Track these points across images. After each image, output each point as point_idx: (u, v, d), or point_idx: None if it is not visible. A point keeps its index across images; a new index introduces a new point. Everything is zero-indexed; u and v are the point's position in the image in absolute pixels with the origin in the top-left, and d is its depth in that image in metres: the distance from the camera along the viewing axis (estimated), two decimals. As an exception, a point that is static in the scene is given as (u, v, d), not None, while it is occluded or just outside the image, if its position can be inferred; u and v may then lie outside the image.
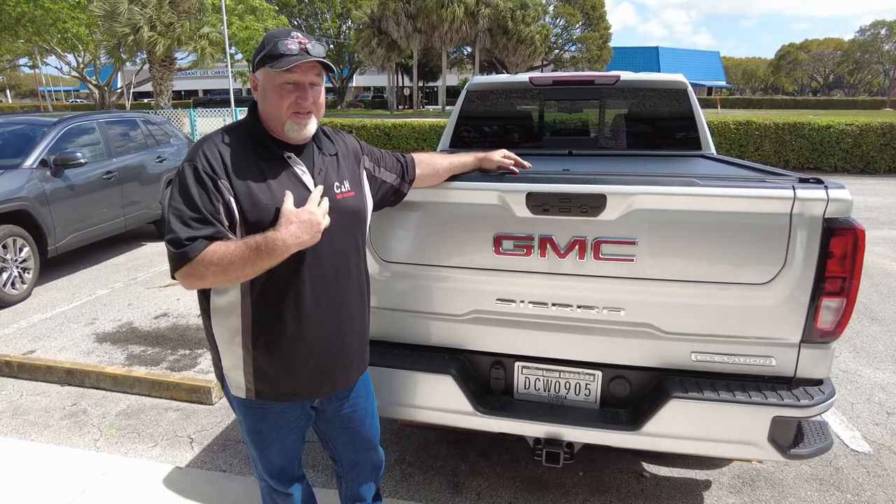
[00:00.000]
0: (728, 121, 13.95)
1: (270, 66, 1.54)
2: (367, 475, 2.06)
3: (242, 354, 1.63)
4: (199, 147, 1.55)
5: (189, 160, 1.53)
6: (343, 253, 1.68)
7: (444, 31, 38.60)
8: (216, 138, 1.58)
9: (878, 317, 4.83)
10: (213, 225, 1.47)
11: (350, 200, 1.69)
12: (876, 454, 2.96)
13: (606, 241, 1.98)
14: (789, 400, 1.94)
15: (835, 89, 79.65)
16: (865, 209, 9.17)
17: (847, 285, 1.88)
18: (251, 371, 1.64)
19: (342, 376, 1.77)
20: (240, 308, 1.59)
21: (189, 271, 1.45)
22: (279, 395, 1.68)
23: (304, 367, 1.66)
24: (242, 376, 1.65)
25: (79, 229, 6.01)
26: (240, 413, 1.77)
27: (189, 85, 64.08)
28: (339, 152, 1.75)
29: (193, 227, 1.46)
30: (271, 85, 1.56)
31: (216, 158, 1.52)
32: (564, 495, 2.65)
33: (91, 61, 26.37)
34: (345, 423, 1.89)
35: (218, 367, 1.74)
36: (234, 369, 1.67)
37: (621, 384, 2.16)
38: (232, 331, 1.62)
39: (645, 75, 3.76)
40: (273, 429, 1.75)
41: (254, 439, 1.78)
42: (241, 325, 1.61)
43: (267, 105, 1.59)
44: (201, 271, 1.44)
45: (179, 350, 4.26)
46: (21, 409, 3.51)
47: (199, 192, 1.48)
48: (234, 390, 1.70)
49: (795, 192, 1.84)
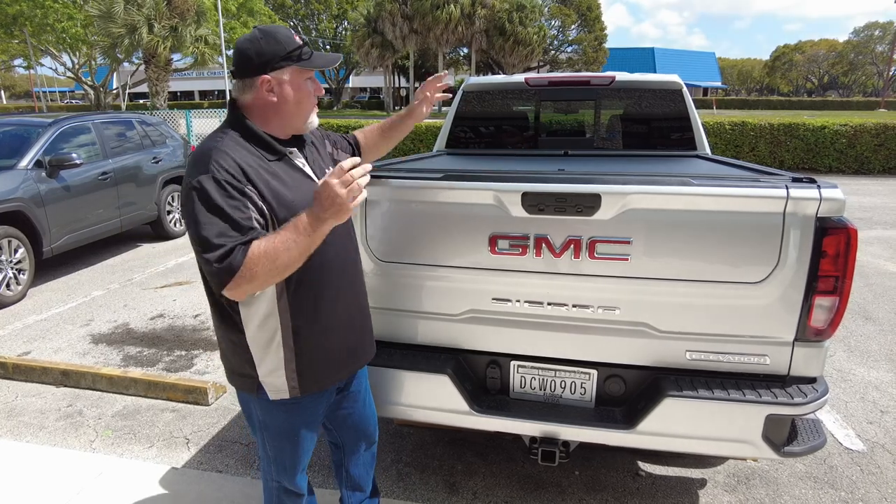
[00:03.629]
0: (723, 121, 14.00)
1: (302, 65, 1.57)
2: (365, 459, 2.13)
3: (284, 355, 1.63)
4: (210, 158, 1.47)
5: (203, 173, 1.44)
6: (345, 237, 1.75)
7: (440, 32, 38.59)
8: (221, 146, 1.51)
9: (871, 316, 4.86)
10: (248, 233, 1.43)
11: None
12: (870, 452, 2.97)
13: (601, 241, 1.99)
14: (783, 398, 1.95)
15: (829, 90, 79.99)
16: (860, 209, 9.21)
17: (840, 284, 1.90)
18: (293, 368, 1.65)
19: (367, 350, 1.91)
20: (277, 309, 1.60)
21: (242, 277, 1.39)
22: (322, 384, 1.74)
23: (343, 349, 1.76)
24: (284, 377, 1.65)
25: (74, 230, 6.00)
26: (268, 416, 1.74)
27: (184, 86, 63.94)
28: (313, 140, 1.83)
29: (230, 237, 1.41)
30: (301, 82, 1.59)
31: (233, 166, 1.47)
32: (560, 494, 2.66)
33: (86, 62, 26.30)
34: (351, 403, 1.98)
35: (251, 378, 1.67)
36: (273, 374, 1.65)
37: (616, 383, 2.16)
38: (270, 334, 1.61)
39: (640, 76, 3.77)
40: (303, 424, 1.78)
41: (282, 439, 1.77)
42: (281, 325, 1.61)
43: (293, 104, 1.59)
44: (253, 271, 1.39)
45: (175, 351, 4.25)
46: (16, 410, 3.50)
47: (229, 203, 1.43)
48: (273, 395, 1.67)
49: (789, 192, 1.86)
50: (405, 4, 38.90)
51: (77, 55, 25.96)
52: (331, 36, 51.03)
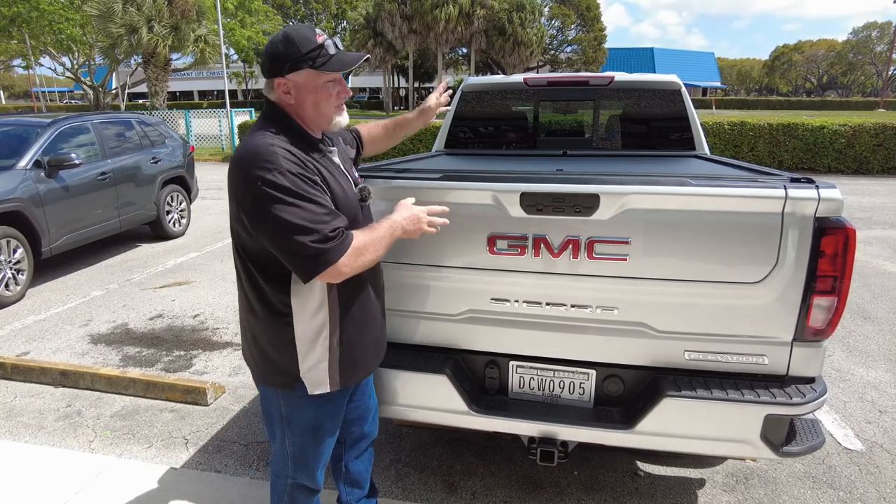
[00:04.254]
0: (722, 121, 14.01)
1: (317, 68, 1.57)
2: (365, 454, 2.16)
3: (329, 346, 1.68)
4: (272, 153, 1.47)
5: (269, 170, 1.44)
6: None
7: (440, 32, 38.57)
8: (274, 142, 1.51)
9: (870, 316, 4.86)
10: (338, 216, 1.52)
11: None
12: (868, 452, 2.98)
13: (600, 241, 1.99)
14: (782, 398, 1.95)
15: (828, 90, 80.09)
16: (859, 209, 9.22)
17: (838, 284, 1.90)
18: (337, 361, 1.69)
19: (385, 347, 1.97)
20: (327, 302, 1.64)
21: (350, 260, 1.51)
22: (357, 378, 1.80)
23: (373, 343, 1.82)
24: (327, 371, 1.69)
25: (73, 230, 5.99)
26: (295, 412, 1.75)
27: (184, 86, 63.96)
28: (334, 139, 1.87)
29: (325, 222, 1.47)
30: (318, 84, 1.60)
31: (293, 162, 1.49)
32: (559, 494, 2.66)
33: (85, 62, 26.27)
34: (359, 397, 2.02)
35: (290, 374, 1.68)
36: (316, 368, 1.68)
37: (615, 383, 2.17)
38: (318, 327, 1.65)
39: (639, 76, 3.77)
40: (329, 418, 1.81)
41: (307, 434, 1.79)
42: (329, 319, 1.66)
43: (312, 105, 1.61)
44: (359, 254, 1.53)
45: (174, 351, 4.25)
46: (15, 410, 3.49)
47: (312, 191, 1.48)
48: (312, 388, 1.69)
49: (787, 192, 1.86)
50: (404, 4, 38.89)
51: (76, 55, 25.92)
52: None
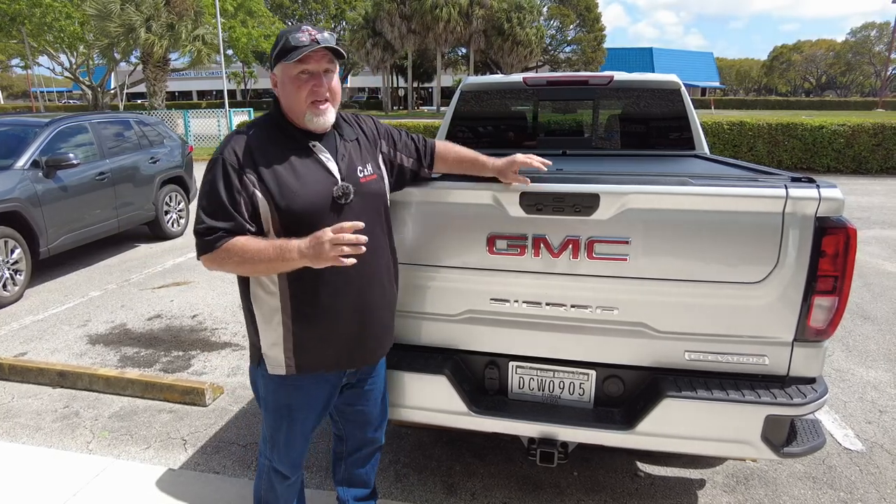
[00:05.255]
0: (722, 121, 14.01)
1: (285, 61, 1.63)
2: (367, 459, 2.15)
3: (283, 332, 1.73)
4: (229, 141, 1.67)
5: (220, 153, 1.64)
6: (371, 232, 1.74)
7: (439, 32, 38.57)
8: (245, 132, 1.69)
9: (870, 316, 4.86)
10: (234, 218, 1.60)
11: (373, 183, 1.82)
12: (868, 452, 2.97)
13: (600, 241, 1.98)
14: (782, 398, 1.94)
15: (827, 90, 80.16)
16: (858, 209, 9.22)
17: (839, 284, 1.89)
18: (291, 347, 1.74)
19: (375, 349, 1.91)
20: (279, 289, 1.71)
21: (211, 258, 1.62)
22: (318, 366, 1.79)
23: (341, 338, 1.79)
24: (282, 353, 1.75)
25: (71, 231, 5.98)
26: (268, 392, 1.85)
27: (183, 86, 63.91)
28: (360, 137, 1.86)
29: (216, 218, 1.60)
30: (288, 78, 1.67)
31: (244, 151, 1.64)
32: (559, 495, 2.65)
33: (84, 62, 26.23)
34: (363, 401, 2.01)
35: (256, 348, 1.82)
36: (274, 347, 1.76)
37: (615, 383, 2.16)
38: (272, 309, 1.73)
39: (638, 75, 3.77)
40: (303, 406, 1.84)
41: (279, 417, 1.85)
42: (281, 304, 1.72)
43: (287, 98, 1.69)
44: (222, 259, 1.61)
45: (173, 351, 4.24)
46: (12, 411, 3.48)
47: (223, 186, 1.61)
48: (272, 369, 1.78)
49: (788, 192, 1.85)
50: (403, 4, 38.88)
51: (75, 54, 25.88)
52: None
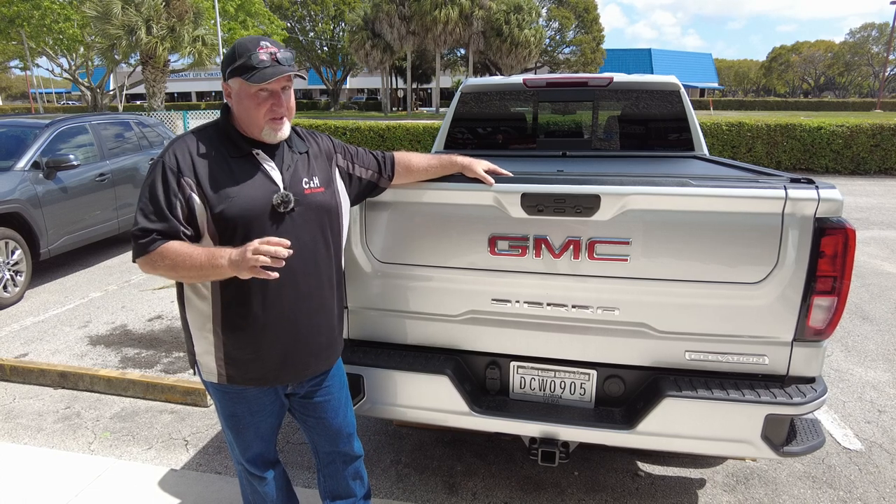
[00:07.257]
0: (720, 122, 14.03)
1: (245, 79, 1.61)
2: (342, 470, 2.08)
3: (213, 340, 1.73)
4: (172, 145, 1.68)
5: (161, 157, 1.66)
6: (311, 245, 1.74)
7: (438, 34, 38.56)
8: (188, 137, 1.70)
9: (869, 316, 4.88)
10: (168, 221, 1.60)
11: (319, 196, 1.77)
12: (867, 452, 2.98)
13: (601, 242, 1.99)
14: (782, 398, 1.95)
15: (826, 91, 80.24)
16: (856, 209, 9.24)
17: (838, 284, 1.91)
18: (222, 357, 1.74)
19: (311, 363, 1.84)
20: (210, 296, 1.69)
21: (145, 260, 1.62)
22: (249, 380, 1.78)
23: (272, 353, 1.75)
24: (214, 361, 1.75)
25: (71, 232, 5.98)
26: (214, 398, 1.87)
27: (182, 87, 63.92)
28: (311, 151, 1.84)
29: (151, 220, 1.60)
30: (246, 94, 1.65)
31: (184, 156, 1.64)
32: (560, 495, 2.66)
33: (83, 63, 26.23)
34: (318, 413, 1.96)
35: (191, 354, 1.82)
36: (206, 355, 1.76)
37: (616, 383, 2.17)
38: (203, 317, 1.72)
39: (638, 77, 3.78)
40: (248, 413, 1.85)
41: (229, 423, 1.87)
42: (213, 311, 1.71)
43: (244, 112, 1.67)
44: (155, 262, 1.60)
45: (174, 352, 4.24)
46: (14, 412, 3.48)
47: (161, 189, 1.61)
48: (206, 375, 1.80)
49: (787, 193, 1.86)
50: (403, 5, 38.88)
51: (74, 56, 25.88)
52: (328, 38, 51.03)
